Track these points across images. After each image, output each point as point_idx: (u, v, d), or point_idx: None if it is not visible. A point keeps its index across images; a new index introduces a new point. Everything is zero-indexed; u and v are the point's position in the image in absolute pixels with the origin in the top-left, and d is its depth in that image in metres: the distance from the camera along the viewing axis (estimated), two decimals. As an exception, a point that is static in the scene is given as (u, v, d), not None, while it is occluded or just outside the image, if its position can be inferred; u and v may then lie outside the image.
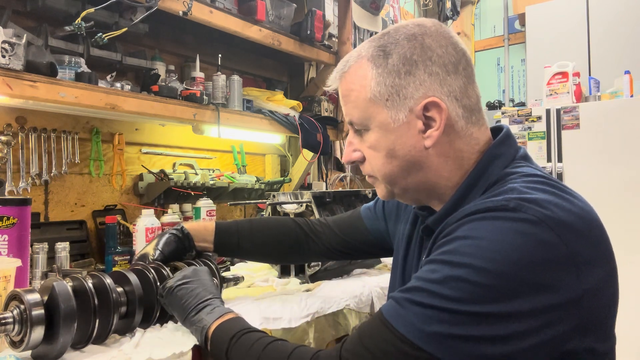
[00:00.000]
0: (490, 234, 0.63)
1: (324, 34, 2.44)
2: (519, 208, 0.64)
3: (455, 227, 0.68)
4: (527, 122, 3.14)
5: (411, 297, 0.66)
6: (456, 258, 0.64)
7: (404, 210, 1.03)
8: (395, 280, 0.97)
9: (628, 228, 2.69)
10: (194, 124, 1.90)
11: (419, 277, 0.68)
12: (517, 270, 0.61)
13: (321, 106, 2.58)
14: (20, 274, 1.01)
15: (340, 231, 1.18)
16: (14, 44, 1.29)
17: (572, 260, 0.62)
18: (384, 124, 0.79)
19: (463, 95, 0.78)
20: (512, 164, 0.78)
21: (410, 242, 0.94)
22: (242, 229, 1.19)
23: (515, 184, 0.70)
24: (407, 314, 0.65)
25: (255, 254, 1.24)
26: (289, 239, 1.19)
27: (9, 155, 1.54)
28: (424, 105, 0.76)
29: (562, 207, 0.65)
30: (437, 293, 0.63)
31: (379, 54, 0.79)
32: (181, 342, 0.93)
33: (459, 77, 0.78)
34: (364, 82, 0.80)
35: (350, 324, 1.31)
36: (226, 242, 1.17)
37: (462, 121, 0.78)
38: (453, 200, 0.78)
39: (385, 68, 0.78)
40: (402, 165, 0.80)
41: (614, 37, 3.84)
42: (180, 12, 1.69)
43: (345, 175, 3.05)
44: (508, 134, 0.81)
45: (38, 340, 0.82)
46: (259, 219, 1.27)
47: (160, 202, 1.97)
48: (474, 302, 0.61)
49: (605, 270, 0.66)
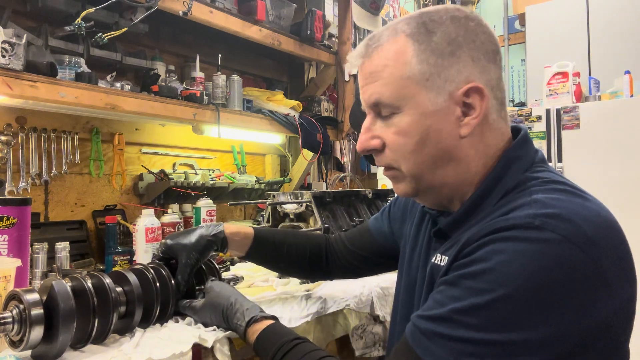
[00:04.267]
0: (514, 258, 0.60)
1: (324, 34, 2.45)
2: (543, 226, 0.60)
3: (476, 246, 0.64)
4: (527, 122, 3.13)
5: (439, 329, 0.62)
6: (480, 284, 0.61)
7: (410, 212, 1.00)
8: (400, 282, 0.94)
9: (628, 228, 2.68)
10: (194, 124, 1.90)
11: (441, 302, 0.64)
12: (543, 294, 0.58)
13: (321, 106, 2.58)
14: (20, 274, 1.01)
15: (351, 244, 1.16)
16: (14, 44, 1.29)
17: (602, 279, 0.59)
18: (421, 107, 0.72)
19: (497, 86, 0.74)
20: (532, 168, 0.74)
21: (416, 244, 0.91)
22: (277, 238, 1.16)
23: (539, 194, 0.66)
24: (437, 349, 0.62)
25: (283, 264, 1.19)
26: (316, 252, 1.17)
27: (9, 155, 1.54)
28: (465, 90, 0.71)
29: (588, 220, 0.62)
30: (464, 323, 0.60)
31: (420, 31, 0.73)
32: (181, 341, 0.93)
33: (497, 68, 0.75)
34: (402, 58, 0.72)
35: (351, 324, 1.31)
36: (262, 252, 1.15)
37: (494, 113, 0.74)
38: (469, 204, 0.74)
39: (429, 45, 0.72)
40: (434, 155, 0.73)
41: (614, 37, 3.83)
42: (180, 12, 1.70)
43: (345, 175, 3.05)
44: (527, 136, 0.77)
45: (37, 340, 0.81)
46: (295, 231, 1.26)
47: (160, 202, 1.97)
48: (503, 330, 0.59)
49: (631, 286, 0.64)
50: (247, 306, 0.93)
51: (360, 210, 1.78)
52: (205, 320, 1.00)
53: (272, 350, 0.83)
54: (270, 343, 0.85)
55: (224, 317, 0.95)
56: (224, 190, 2.14)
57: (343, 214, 1.71)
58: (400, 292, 0.93)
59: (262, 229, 1.19)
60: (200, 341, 0.94)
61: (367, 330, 1.35)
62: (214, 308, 0.97)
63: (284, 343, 0.83)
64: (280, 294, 1.34)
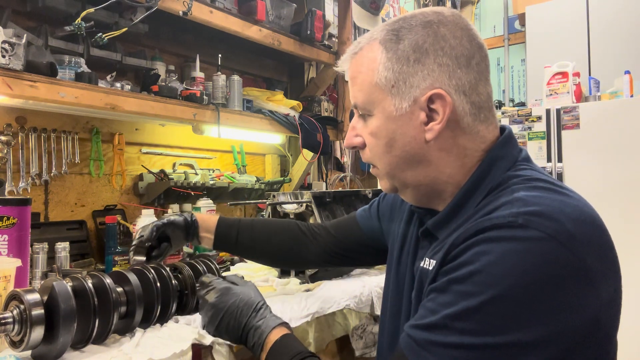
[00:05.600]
0: (501, 258, 0.60)
1: (324, 34, 2.45)
2: (527, 224, 0.61)
3: (462, 249, 0.65)
4: (527, 122, 3.14)
5: (433, 338, 0.63)
6: (469, 287, 0.61)
7: (398, 210, 1.01)
8: (389, 280, 0.95)
9: (628, 228, 2.69)
10: (194, 124, 1.90)
11: (432, 309, 0.65)
12: (535, 293, 0.58)
13: (321, 106, 2.58)
14: (20, 274, 1.01)
15: (335, 232, 1.17)
16: (14, 44, 1.29)
17: (587, 274, 0.60)
18: (387, 112, 0.76)
19: (473, 90, 0.75)
20: (515, 166, 0.75)
21: (405, 242, 0.92)
22: (243, 223, 1.19)
23: (520, 192, 0.67)
24: (433, 358, 0.62)
25: (254, 251, 1.21)
26: (288, 239, 1.18)
27: (9, 155, 1.54)
28: (428, 96, 0.73)
29: (569, 216, 0.62)
30: (457, 329, 0.60)
31: (391, 38, 0.76)
32: (181, 341, 0.93)
33: (470, 72, 0.75)
34: (372, 66, 0.77)
35: (350, 324, 1.31)
36: (226, 235, 1.16)
37: (468, 117, 0.75)
38: (453, 204, 0.76)
39: (395, 53, 0.75)
40: (401, 157, 0.77)
41: (614, 37, 3.84)
42: (180, 12, 1.69)
43: (345, 175, 3.05)
44: (510, 135, 0.79)
45: (38, 340, 0.82)
46: (262, 218, 1.26)
47: (160, 202, 1.97)
48: (496, 332, 0.59)
49: (616, 280, 0.64)
50: (260, 324, 0.91)
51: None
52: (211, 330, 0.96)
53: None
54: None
55: (240, 337, 0.92)
56: (224, 190, 2.14)
57: (343, 214, 1.71)
58: (390, 290, 0.93)
59: (227, 217, 1.22)
60: (199, 337, 0.94)
61: (367, 330, 1.35)
62: (228, 319, 0.93)
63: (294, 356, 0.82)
64: (280, 293, 1.34)
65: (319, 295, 1.30)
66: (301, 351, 0.83)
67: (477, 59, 0.76)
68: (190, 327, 1.03)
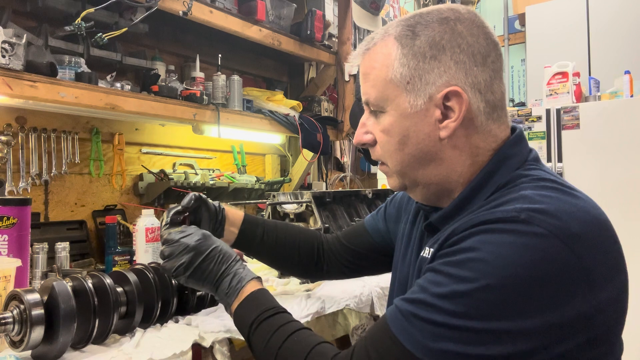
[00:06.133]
0: (499, 249, 0.61)
1: (324, 34, 2.45)
2: (529, 220, 0.61)
3: (462, 236, 0.65)
4: (527, 122, 3.14)
5: (417, 312, 0.64)
6: (463, 272, 0.62)
7: (404, 210, 1.01)
8: (395, 279, 0.96)
9: (628, 228, 2.69)
10: (194, 124, 1.90)
11: (423, 287, 0.65)
12: (526, 287, 0.59)
13: (321, 106, 2.58)
14: (20, 274, 1.01)
15: (347, 241, 1.16)
16: (14, 44, 1.29)
17: (585, 275, 0.60)
18: (401, 108, 0.75)
19: (487, 89, 0.74)
20: (524, 165, 0.75)
21: (410, 241, 0.92)
22: (268, 223, 1.15)
23: (527, 190, 0.67)
24: (413, 330, 0.63)
25: (275, 253, 1.15)
26: (309, 246, 1.15)
27: (9, 155, 1.54)
28: (444, 93, 0.72)
29: (575, 216, 0.62)
30: (443, 309, 0.61)
31: (407, 34, 0.75)
32: (181, 341, 0.93)
33: (486, 70, 0.74)
34: (387, 62, 0.76)
35: (350, 324, 1.31)
36: (252, 232, 1.11)
37: (482, 116, 0.74)
38: (460, 199, 0.75)
39: (411, 49, 0.74)
40: (414, 155, 0.76)
41: (614, 37, 3.84)
42: (180, 12, 1.69)
43: (345, 175, 3.05)
44: (521, 135, 0.78)
45: (38, 340, 0.82)
46: (282, 221, 1.22)
47: (161, 202, 1.97)
48: (481, 318, 0.59)
49: (619, 282, 0.64)
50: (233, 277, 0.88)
51: (360, 210, 1.78)
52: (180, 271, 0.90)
53: (249, 322, 0.81)
54: (248, 312, 0.83)
55: (215, 282, 0.89)
56: (224, 190, 2.14)
57: (343, 214, 1.71)
58: (395, 288, 0.94)
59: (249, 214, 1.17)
60: (199, 339, 0.94)
61: (367, 330, 1.35)
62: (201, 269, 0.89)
63: (262, 312, 0.81)
64: (280, 293, 1.34)
65: (319, 295, 1.30)
66: (275, 306, 0.83)
67: (492, 57, 0.75)
68: (190, 327, 1.03)
